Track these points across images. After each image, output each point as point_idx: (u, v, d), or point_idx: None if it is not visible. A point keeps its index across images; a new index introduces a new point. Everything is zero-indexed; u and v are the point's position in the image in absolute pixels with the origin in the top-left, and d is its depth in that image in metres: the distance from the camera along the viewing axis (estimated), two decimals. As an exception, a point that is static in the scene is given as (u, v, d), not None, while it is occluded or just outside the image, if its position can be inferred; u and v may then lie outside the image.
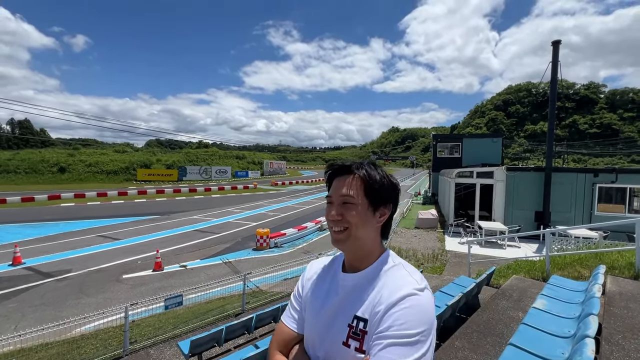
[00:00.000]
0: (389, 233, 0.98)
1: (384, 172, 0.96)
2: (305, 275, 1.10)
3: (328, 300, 0.96)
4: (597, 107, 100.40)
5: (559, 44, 13.85)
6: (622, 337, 2.78)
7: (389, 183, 0.94)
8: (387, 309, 0.81)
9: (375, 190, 0.92)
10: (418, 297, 0.81)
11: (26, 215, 20.54)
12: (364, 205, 0.91)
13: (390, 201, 0.95)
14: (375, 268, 0.92)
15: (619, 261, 5.10)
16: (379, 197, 0.92)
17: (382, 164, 5.94)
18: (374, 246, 0.94)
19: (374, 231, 0.93)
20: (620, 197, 12.89)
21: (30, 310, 7.90)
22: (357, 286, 0.92)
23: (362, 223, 0.90)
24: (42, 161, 44.34)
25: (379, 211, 0.93)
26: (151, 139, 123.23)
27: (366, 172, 0.93)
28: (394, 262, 0.93)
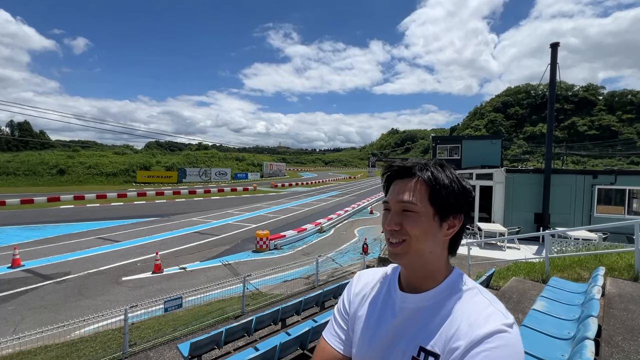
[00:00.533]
0: (457, 248, 0.82)
1: (455, 174, 0.80)
2: (353, 289, 0.95)
3: (383, 322, 0.82)
4: (595, 108, 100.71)
5: (557, 46, 13.91)
6: (621, 339, 2.78)
7: (460, 188, 0.78)
8: (469, 347, 0.66)
9: (443, 196, 0.76)
10: (509, 336, 0.66)
11: (25, 217, 20.51)
12: (428, 214, 0.76)
13: (461, 210, 0.78)
14: (443, 290, 0.77)
15: (619, 263, 5.11)
16: (447, 205, 0.76)
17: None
18: (439, 263, 0.79)
19: (439, 245, 0.78)
20: (619, 198, 12.91)
21: (29, 312, 7.88)
22: (420, 310, 0.78)
23: (425, 235, 0.76)
24: (42, 163, 44.31)
25: (447, 222, 0.77)
26: (151, 141, 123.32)
27: (432, 175, 0.77)
28: (467, 286, 0.77)
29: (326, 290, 7.17)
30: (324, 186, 52.03)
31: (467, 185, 0.79)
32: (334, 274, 10.98)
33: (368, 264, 11.46)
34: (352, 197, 35.55)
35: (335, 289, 7.46)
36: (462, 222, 0.79)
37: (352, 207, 25.25)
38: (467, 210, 0.80)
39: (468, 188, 0.79)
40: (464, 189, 0.79)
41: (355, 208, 25.42)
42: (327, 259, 12.05)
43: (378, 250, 12.91)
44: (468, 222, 0.84)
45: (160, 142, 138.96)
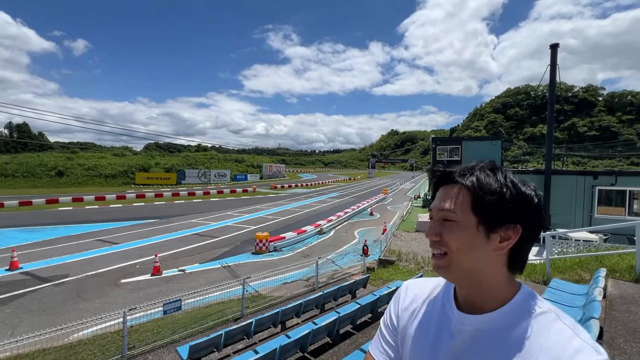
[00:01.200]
0: (524, 264, 0.71)
1: (510, 178, 0.69)
2: (400, 303, 0.87)
3: (439, 344, 0.74)
4: (595, 109, 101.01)
5: (557, 47, 13.94)
6: (623, 340, 2.76)
7: (515, 194, 0.67)
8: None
9: (489, 204, 0.66)
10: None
11: (24, 219, 20.46)
12: (470, 224, 0.68)
13: (516, 220, 0.67)
14: (509, 312, 0.67)
15: (620, 264, 5.09)
16: (495, 215, 0.67)
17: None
18: (496, 281, 0.69)
19: (490, 260, 0.68)
20: (620, 199, 12.90)
21: (27, 315, 7.84)
22: (484, 334, 0.68)
23: (467, 249, 0.68)
24: (40, 165, 44.28)
25: (498, 233, 0.67)
26: (150, 143, 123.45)
27: (476, 180, 0.68)
28: (541, 309, 0.66)
29: (326, 293, 7.14)
30: (324, 187, 52.01)
31: (526, 191, 0.68)
32: (334, 275, 10.95)
33: (368, 266, 11.43)
34: (351, 199, 35.52)
35: (336, 291, 7.43)
36: (519, 234, 0.67)
37: (352, 209, 25.22)
38: (526, 220, 0.67)
39: (527, 194, 0.68)
40: (520, 195, 0.67)
41: (355, 210, 25.39)
42: (327, 261, 12.02)
43: (378, 252, 12.87)
44: (534, 233, 0.69)
45: (160, 144, 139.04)
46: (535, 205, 0.68)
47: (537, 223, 0.69)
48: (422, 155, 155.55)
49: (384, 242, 13.40)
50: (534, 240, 0.70)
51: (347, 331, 5.75)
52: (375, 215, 24.80)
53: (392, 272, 10.60)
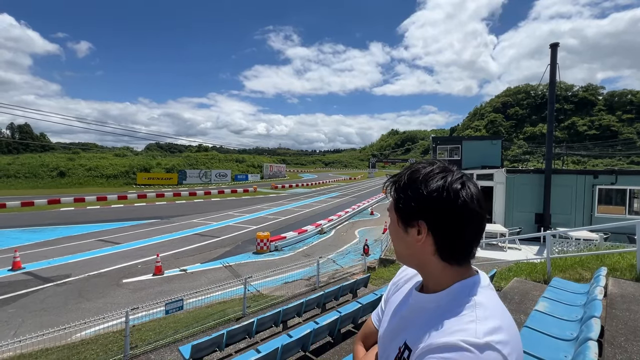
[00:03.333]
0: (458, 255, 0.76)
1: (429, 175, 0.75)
2: (394, 279, 1.04)
3: (398, 312, 0.89)
4: (595, 108, 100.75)
5: (557, 46, 13.93)
6: (624, 339, 2.78)
7: (421, 192, 0.73)
8: (425, 351, 0.67)
9: (400, 205, 0.77)
10: (468, 355, 0.61)
11: (26, 219, 20.51)
12: (394, 220, 0.81)
13: (420, 217, 0.74)
14: (445, 296, 0.76)
15: (620, 263, 5.10)
16: (404, 211, 0.76)
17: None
18: (432, 268, 0.78)
19: (418, 251, 0.77)
20: (620, 198, 12.90)
21: (30, 315, 7.87)
22: (422, 309, 0.80)
23: (395, 240, 0.82)
24: (42, 165, 44.33)
25: (415, 228, 0.75)
26: (151, 143, 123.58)
27: (394, 183, 0.80)
28: (469, 297, 0.73)
29: (327, 292, 7.15)
30: (324, 187, 52.02)
31: (433, 187, 0.72)
32: (334, 275, 10.96)
33: (369, 265, 11.45)
34: (352, 199, 35.54)
35: (337, 291, 7.44)
36: (425, 228, 0.74)
37: (353, 209, 25.23)
38: (432, 216, 0.73)
39: (433, 190, 0.72)
40: (428, 192, 0.72)
41: (356, 209, 25.40)
42: (327, 261, 12.04)
43: (379, 252, 12.89)
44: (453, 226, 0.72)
45: (161, 144, 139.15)
46: (439, 201, 0.72)
47: (448, 217, 0.72)
48: (422, 154, 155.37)
49: (384, 242, 13.41)
50: (460, 232, 0.73)
51: (349, 330, 5.76)
52: (375, 215, 24.81)
53: (393, 272, 10.61)
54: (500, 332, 0.65)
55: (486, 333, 0.64)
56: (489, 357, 0.61)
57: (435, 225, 0.73)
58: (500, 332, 0.65)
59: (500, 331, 0.66)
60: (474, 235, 0.74)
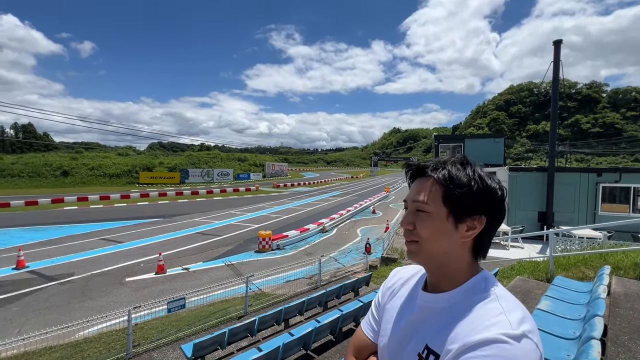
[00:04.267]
0: (486, 251, 0.78)
1: (478, 172, 0.76)
2: (386, 284, 0.99)
3: (403, 317, 0.85)
4: (599, 106, 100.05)
5: (560, 43, 13.81)
6: (628, 338, 2.75)
7: (482, 187, 0.74)
8: (461, 352, 0.65)
9: (458, 196, 0.73)
10: (507, 347, 0.61)
11: (30, 218, 20.65)
12: (441, 215, 0.74)
13: (481, 211, 0.74)
14: (460, 293, 0.75)
15: (624, 261, 5.06)
16: (463, 206, 0.73)
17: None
18: (459, 265, 0.77)
19: (457, 247, 0.76)
20: (624, 196, 12.80)
21: (33, 314, 7.93)
22: (435, 310, 0.77)
23: (436, 237, 0.75)
24: (46, 165, 44.62)
25: (465, 223, 0.74)
26: (153, 142, 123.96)
27: (447, 174, 0.75)
28: (487, 291, 0.73)
29: (329, 291, 7.15)
30: (326, 186, 52.01)
31: (492, 185, 0.75)
32: (336, 274, 10.96)
33: (371, 264, 11.44)
34: (354, 197, 35.51)
35: (338, 289, 7.44)
36: (483, 224, 0.74)
37: (355, 207, 25.22)
38: (491, 211, 0.75)
39: (492, 187, 0.75)
40: (486, 188, 0.74)
41: (358, 208, 25.39)
42: (329, 259, 12.05)
43: (381, 250, 12.88)
44: (497, 223, 0.76)
45: (163, 143, 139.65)
46: (499, 198, 0.75)
47: (500, 214, 0.76)
48: (424, 153, 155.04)
49: (386, 240, 13.40)
50: (497, 229, 0.78)
51: (350, 329, 5.76)
52: (377, 214, 24.79)
53: (395, 270, 10.59)
54: (528, 321, 0.66)
55: (519, 323, 0.65)
56: (526, 346, 0.62)
57: (490, 221, 0.75)
58: (528, 322, 0.66)
59: (528, 320, 0.67)
60: None
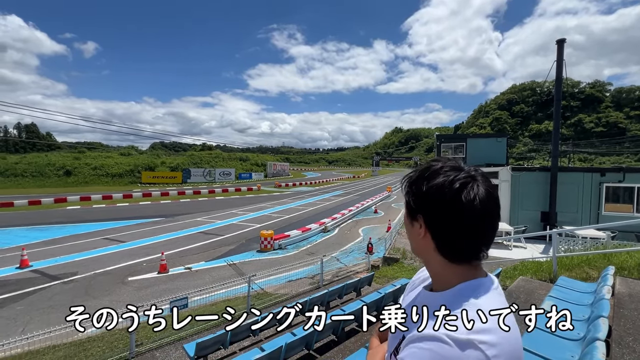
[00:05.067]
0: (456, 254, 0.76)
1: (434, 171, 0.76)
2: (413, 278, 1.06)
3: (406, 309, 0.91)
4: (602, 105, 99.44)
5: (563, 42, 13.74)
6: (632, 339, 2.74)
7: (423, 188, 0.75)
8: (411, 339, 0.71)
9: (408, 195, 0.81)
10: (446, 348, 0.63)
11: (33, 218, 20.76)
12: (405, 215, 0.85)
13: (419, 211, 0.77)
14: (448, 295, 0.76)
15: (628, 262, 5.03)
16: (409, 206, 0.81)
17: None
18: (436, 266, 0.80)
19: (422, 245, 0.80)
20: (628, 196, 12.73)
21: (37, 313, 7.97)
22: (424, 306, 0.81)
23: (409, 236, 0.85)
24: (49, 164, 44.86)
25: (417, 222, 0.79)
26: (155, 142, 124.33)
27: (410, 174, 0.82)
28: (468, 298, 0.72)
29: (331, 290, 7.15)
30: (328, 186, 52.00)
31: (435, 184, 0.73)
32: (338, 273, 10.96)
33: (373, 264, 11.43)
34: (356, 197, 35.48)
35: (340, 289, 7.44)
36: (422, 223, 0.76)
37: (356, 207, 25.20)
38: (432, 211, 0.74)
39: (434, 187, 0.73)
40: (429, 189, 0.74)
41: (360, 207, 25.36)
42: (331, 259, 12.04)
43: (383, 250, 12.87)
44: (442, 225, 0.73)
45: (165, 143, 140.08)
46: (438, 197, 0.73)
47: (446, 213, 0.72)
48: (426, 152, 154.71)
49: (388, 240, 13.38)
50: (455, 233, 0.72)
51: (353, 329, 5.76)
52: (379, 213, 24.76)
53: (396, 270, 10.59)
54: (489, 334, 0.64)
55: (472, 331, 0.64)
56: (470, 355, 0.61)
57: (431, 221, 0.76)
58: (489, 334, 0.64)
59: (489, 332, 0.65)
60: (476, 235, 0.72)
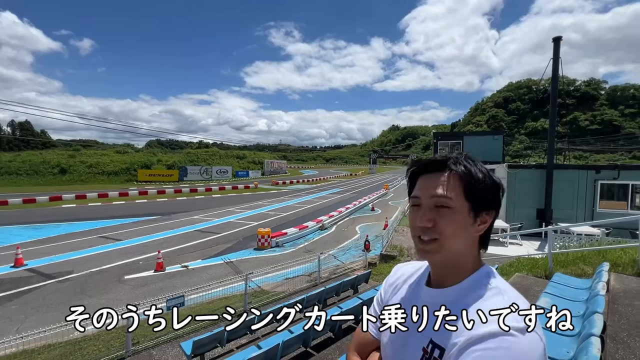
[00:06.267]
0: (488, 243, 0.81)
1: (485, 168, 0.77)
2: (388, 280, 0.99)
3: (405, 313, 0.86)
4: (597, 103, 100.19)
5: (560, 40, 13.79)
6: (627, 334, 2.76)
7: (492, 183, 0.75)
8: (467, 344, 0.64)
9: (478, 191, 0.73)
10: (512, 340, 0.61)
11: (28, 216, 20.57)
12: (464, 210, 0.73)
13: (494, 206, 0.76)
14: (465, 287, 0.75)
15: (623, 258, 5.07)
16: (482, 201, 0.74)
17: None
18: (466, 260, 0.77)
19: (470, 242, 0.76)
20: (622, 193, 12.85)
21: (32, 311, 7.91)
22: (437, 305, 0.77)
23: (459, 233, 0.73)
24: (43, 162, 44.40)
25: (480, 218, 0.75)
26: (152, 140, 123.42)
27: (466, 169, 0.75)
28: (490, 284, 0.73)
29: (328, 288, 7.16)
30: (325, 183, 52.00)
31: (497, 180, 0.77)
32: (335, 271, 10.98)
33: (370, 261, 11.46)
34: (353, 195, 35.52)
35: (338, 287, 7.45)
36: (493, 218, 0.77)
37: (354, 205, 25.23)
38: (499, 205, 0.78)
39: (499, 182, 0.78)
40: (496, 183, 0.77)
41: (357, 205, 25.40)
42: (328, 257, 12.05)
43: (380, 247, 12.90)
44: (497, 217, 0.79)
45: (161, 141, 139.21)
46: (502, 192, 0.78)
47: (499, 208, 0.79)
48: (423, 150, 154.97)
49: (385, 238, 13.41)
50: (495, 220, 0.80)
51: (350, 326, 5.77)
52: (376, 211, 24.81)
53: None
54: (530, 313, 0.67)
55: (519, 316, 0.65)
56: (531, 337, 0.63)
57: (496, 213, 0.78)
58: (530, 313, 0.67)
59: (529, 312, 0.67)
60: None
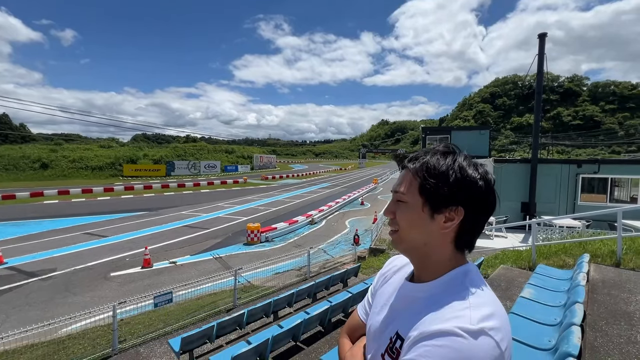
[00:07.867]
0: (470, 243, 0.78)
1: (459, 162, 0.74)
2: (382, 271, 1.02)
3: (387, 303, 0.88)
4: (580, 99, 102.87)
5: (545, 36, 14.02)
6: (605, 323, 2.87)
7: (459, 178, 0.72)
8: (418, 339, 0.66)
9: (433, 187, 0.72)
10: (461, 341, 0.61)
11: (7, 213, 19.86)
12: (417, 205, 0.74)
13: (459, 202, 0.72)
14: (439, 285, 0.76)
15: (602, 249, 5.25)
16: (438, 197, 0.72)
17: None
18: (440, 257, 0.77)
19: (437, 239, 0.75)
20: (602, 187, 13.29)
21: (14, 311, 7.69)
22: (413, 299, 0.79)
23: (412, 227, 0.76)
24: (23, 157, 42.82)
25: (443, 214, 0.73)
26: (138, 134, 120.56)
27: (422, 165, 0.75)
28: (463, 285, 0.73)
29: (318, 282, 7.19)
30: (315, 178, 51.99)
31: (472, 175, 0.72)
32: (325, 265, 11.04)
33: (359, 255, 11.56)
34: (342, 189, 35.64)
35: (327, 281, 7.49)
36: (462, 215, 0.72)
37: (343, 199, 25.33)
38: (471, 202, 0.72)
39: (471, 178, 0.72)
40: (465, 179, 0.72)
41: (346, 200, 25.51)
42: (318, 251, 12.10)
43: (369, 241, 13.02)
44: (481, 215, 0.74)
45: (148, 135, 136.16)
46: (478, 189, 0.72)
47: (484, 205, 0.74)
48: (412, 145, 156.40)
49: (374, 231, 13.54)
50: (483, 220, 0.76)
51: (339, 320, 5.82)
52: (366, 205, 24.98)
53: (383, 261, 10.74)
54: (493, 319, 0.66)
55: (480, 319, 0.65)
56: (482, 342, 0.62)
57: (471, 213, 0.73)
58: (493, 319, 0.66)
59: (493, 318, 0.66)
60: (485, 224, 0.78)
